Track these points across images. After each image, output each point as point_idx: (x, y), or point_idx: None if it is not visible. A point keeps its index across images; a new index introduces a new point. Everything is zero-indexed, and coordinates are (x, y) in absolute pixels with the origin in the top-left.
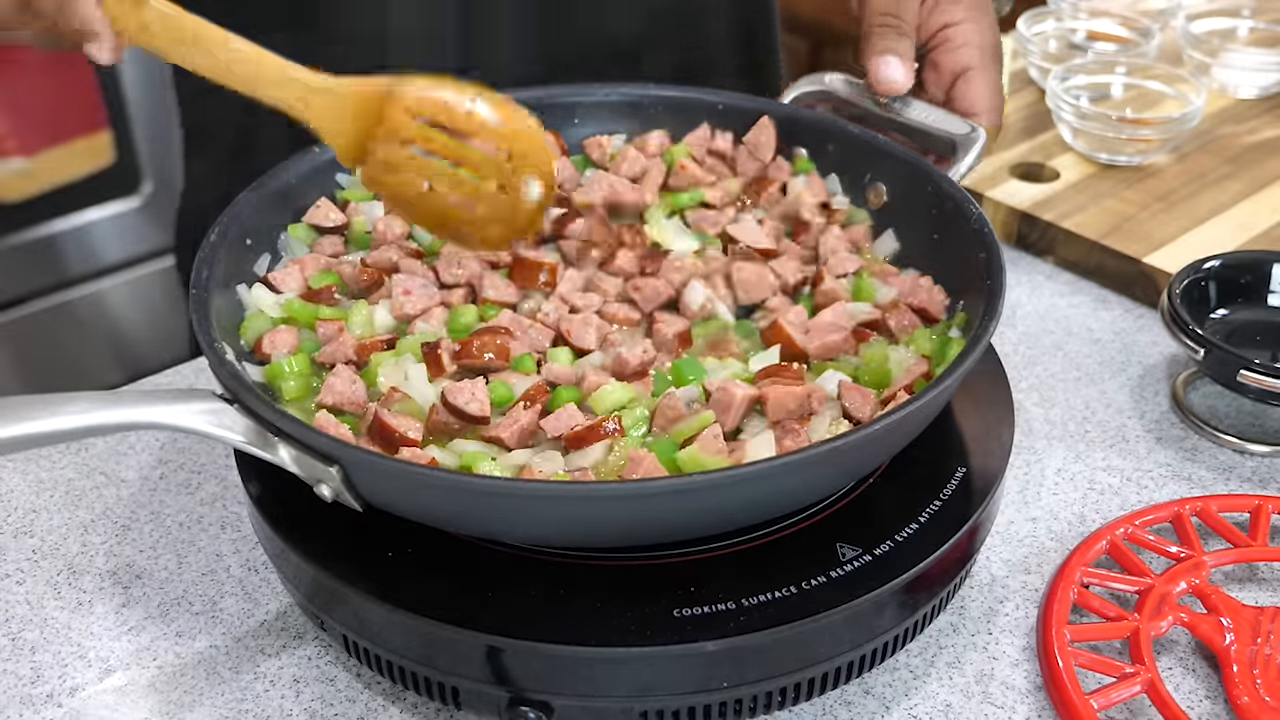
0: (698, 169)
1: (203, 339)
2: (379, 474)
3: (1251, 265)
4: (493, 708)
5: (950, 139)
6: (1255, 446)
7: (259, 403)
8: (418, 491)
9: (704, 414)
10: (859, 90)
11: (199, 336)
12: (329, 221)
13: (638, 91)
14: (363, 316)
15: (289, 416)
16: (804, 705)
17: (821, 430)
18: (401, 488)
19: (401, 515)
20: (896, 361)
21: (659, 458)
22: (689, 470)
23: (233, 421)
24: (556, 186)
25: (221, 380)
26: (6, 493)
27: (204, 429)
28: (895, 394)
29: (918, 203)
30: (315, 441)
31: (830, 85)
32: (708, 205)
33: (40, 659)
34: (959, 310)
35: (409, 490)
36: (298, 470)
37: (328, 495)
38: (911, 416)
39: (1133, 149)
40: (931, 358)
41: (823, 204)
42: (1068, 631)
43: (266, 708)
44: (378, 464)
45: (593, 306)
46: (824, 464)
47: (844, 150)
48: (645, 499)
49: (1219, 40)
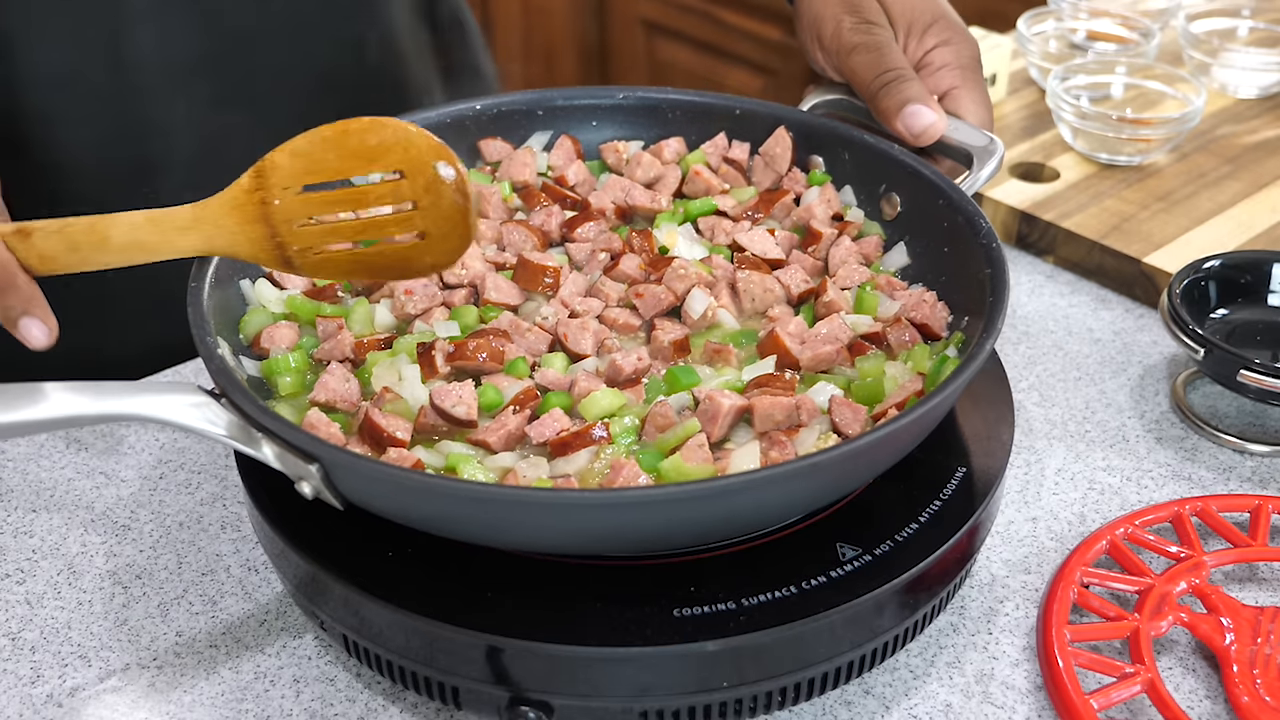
0: (712, 177)
1: (196, 332)
2: (357, 474)
3: (1251, 265)
4: (493, 708)
5: (967, 150)
6: (1255, 446)
7: (244, 398)
8: (395, 493)
9: (689, 423)
10: None
11: (193, 329)
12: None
13: (655, 96)
14: (363, 315)
15: (272, 413)
16: (804, 705)
17: (809, 443)
18: (379, 489)
19: (380, 515)
20: (892, 377)
21: (642, 466)
22: (671, 480)
23: (216, 416)
24: (492, 168)
25: (211, 373)
26: (6, 493)
27: (187, 422)
28: (886, 411)
29: (930, 215)
30: (296, 439)
31: (849, 94)
32: (721, 214)
33: (40, 659)
34: (959, 329)
35: (386, 492)
36: (281, 466)
37: (308, 493)
38: (898, 434)
39: (1133, 149)
40: (926, 376)
41: (835, 215)
42: (1068, 631)
43: (266, 708)
44: (356, 464)
45: (593, 312)
46: (803, 479)
47: (860, 160)
48: (613, 509)
49: (1219, 40)
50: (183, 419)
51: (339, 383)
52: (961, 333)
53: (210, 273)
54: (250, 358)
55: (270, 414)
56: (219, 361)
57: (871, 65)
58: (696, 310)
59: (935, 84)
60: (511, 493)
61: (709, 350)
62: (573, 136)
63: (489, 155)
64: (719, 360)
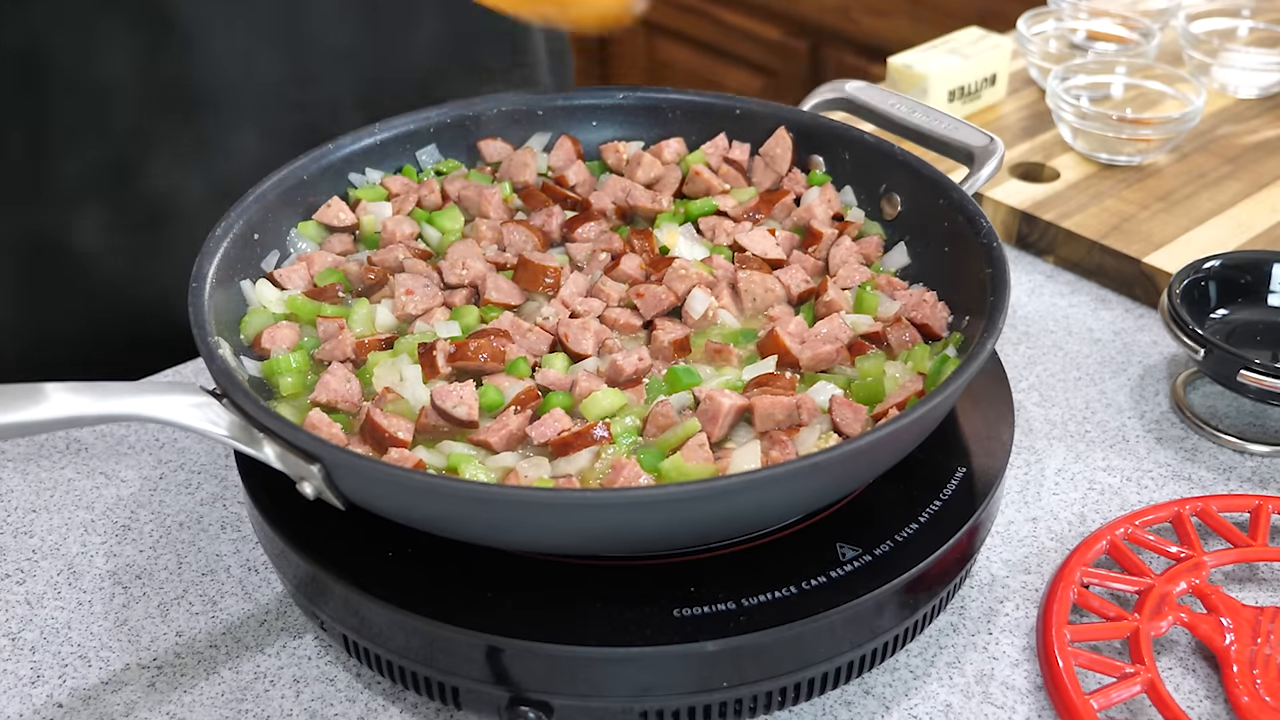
0: (712, 177)
1: (197, 332)
2: (359, 474)
3: (1251, 265)
4: (493, 708)
5: (968, 149)
6: (1255, 446)
7: (246, 398)
8: (396, 493)
9: (690, 422)
10: (878, 97)
11: (194, 330)
12: (339, 221)
13: (656, 96)
14: (364, 315)
15: (274, 414)
16: (804, 705)
17: (810, 443)
18: (381, 489)
19: (382, 515)
20: (893, 377)
21: (643, 466)
22: (672, 480)
23: (218, 416)
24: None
25: (212, 374)
26: (6, 493)
27: (188, 422)
28: (887, 410)
29: (931, 215)
30: (298, 439)
31: (850, 93)
32: (722, 214)
33: (40, 659)
34: (959, 329)
35: (388, 492)
36: (282, 467)
37: (310, 493)
38: (898, 434)
39: (1133, 149)
40: (927, 375)
41: (835, 215)
42: (1068, 631)
43: (266, 708)
44: (358, 464)
45: (594, 312)
46: (804, 479)
47: (860, 160)
48: (614, 509)
49: (1219, 40)
50: (184, 419)
51: (340, 383)
52: (961, 333)
53: (211, 273)
54: (251, 358)
55: (272, 414)
56: (220, 362)
57: None
58: (697, 310)
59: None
60: (513, 493)
61: (709, 350)
62: (573, 137)
63: (489, 155)
64: (719, 360)
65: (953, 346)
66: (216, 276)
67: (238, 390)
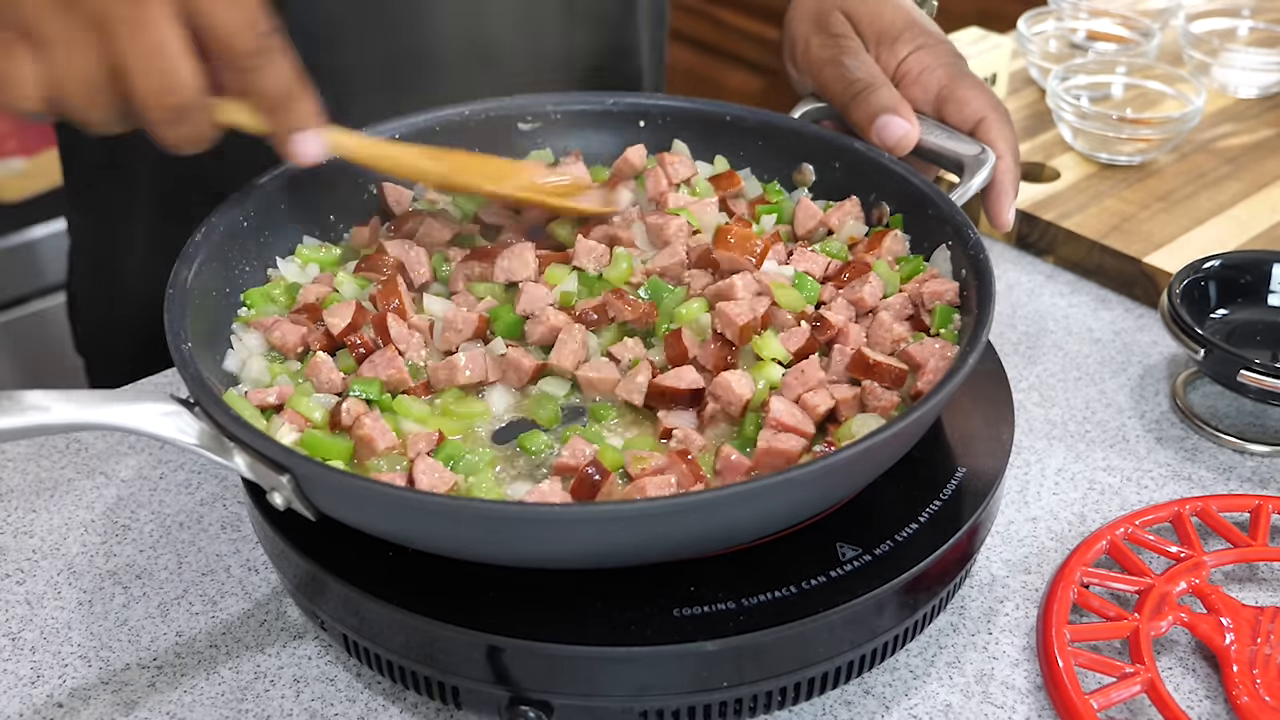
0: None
1: (171, 339)
2: (327, 486)
3: (1251, 265)
4: (493, 708)
5: (958, 159)
6: (1255, 446)
7: (217, 407)
8: (364, 506)
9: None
10: None
11: (168, 336)
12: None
13: (645, 102)
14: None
15: (244, 423)
16: (804, 705)
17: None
18: (349, 501)
19: (352, 526)
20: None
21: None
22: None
23: (188, 425)
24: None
25: (185, 381)
26: (6, 493)
27: (158, 431)
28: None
29: (919, 224)
30: (268, 449)
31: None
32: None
33: (40, 659)
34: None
35: (356, 504)
36: (253, 476)
37: (280, 503)
38: (874, 450)
39: (1133, 149)
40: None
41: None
42: (1068, 631)
43: (266, 708)
44: (326, 476)
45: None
46: (796, 490)
47: (850, 168)
48: (588, 523)
49: (1219, 40)
50: (154, 428)
51: (328, 373)
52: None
53: (190, 277)
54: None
55: (242, 424)
56: (193, 369)
57: (841, 78)
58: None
59: (923, 90)
60: (483, 507)
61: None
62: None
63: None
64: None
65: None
66: (193, 283)
67: (209, 399)
